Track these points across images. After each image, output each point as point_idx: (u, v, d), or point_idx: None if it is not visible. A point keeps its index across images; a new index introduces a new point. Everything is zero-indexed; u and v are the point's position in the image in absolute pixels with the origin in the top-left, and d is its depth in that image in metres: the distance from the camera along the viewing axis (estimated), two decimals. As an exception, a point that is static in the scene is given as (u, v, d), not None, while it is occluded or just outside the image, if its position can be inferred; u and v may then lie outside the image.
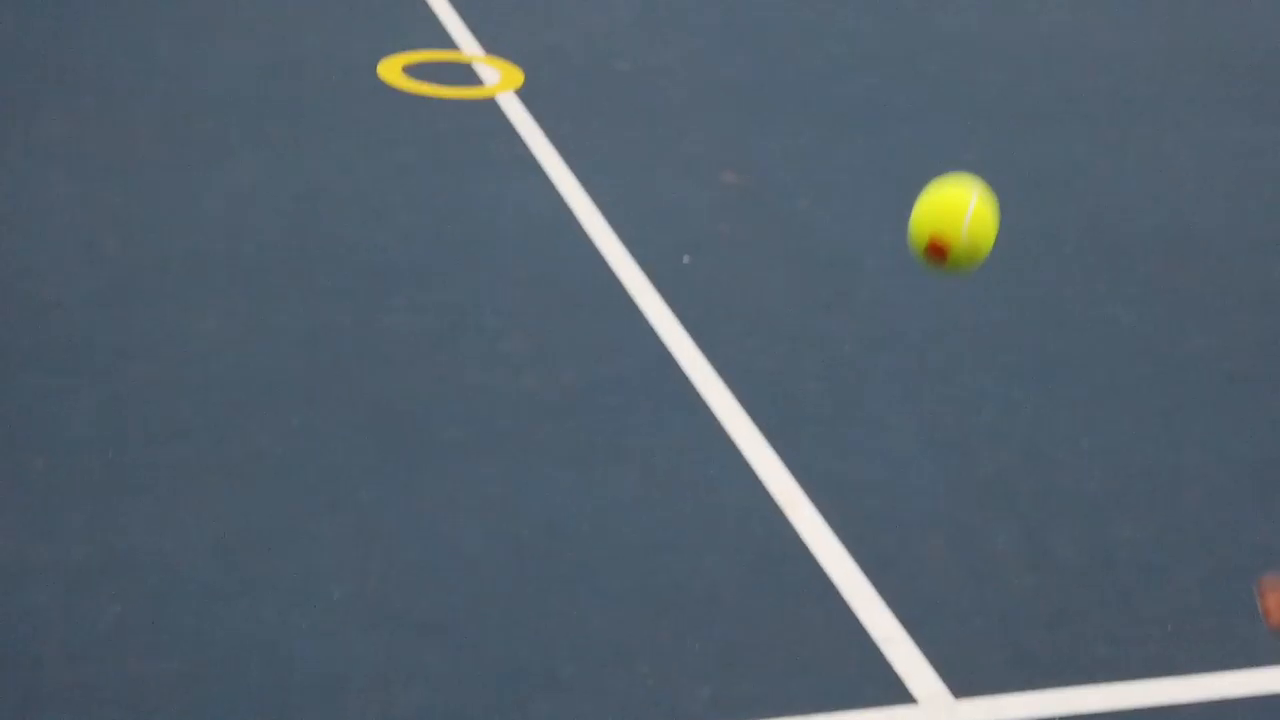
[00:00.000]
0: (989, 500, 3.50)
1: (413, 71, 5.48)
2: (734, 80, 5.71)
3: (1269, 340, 4.24)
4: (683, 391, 3.81)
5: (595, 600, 3.11)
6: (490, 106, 5.29)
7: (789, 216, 4.74)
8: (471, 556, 3.20)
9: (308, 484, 3.36)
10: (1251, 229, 4.87)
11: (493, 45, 5.78)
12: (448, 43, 5.79)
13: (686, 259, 4.42)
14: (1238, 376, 4.05)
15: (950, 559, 3.31)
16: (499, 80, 5.48)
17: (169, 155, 4.78)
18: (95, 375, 3.70)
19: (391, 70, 5.47)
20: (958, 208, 2.42)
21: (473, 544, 3.24)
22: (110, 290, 4.05)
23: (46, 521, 3.20)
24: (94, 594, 3.00)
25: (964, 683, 2.97)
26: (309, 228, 4.44)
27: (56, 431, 3.48)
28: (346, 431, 3.55)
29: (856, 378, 3.93)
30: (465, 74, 5.56)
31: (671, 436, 3.64)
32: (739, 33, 6.17)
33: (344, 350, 3.86)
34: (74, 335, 3.85)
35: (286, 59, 5.58)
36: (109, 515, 3.23)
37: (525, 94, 5.36)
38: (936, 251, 2.43)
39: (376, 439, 3.53)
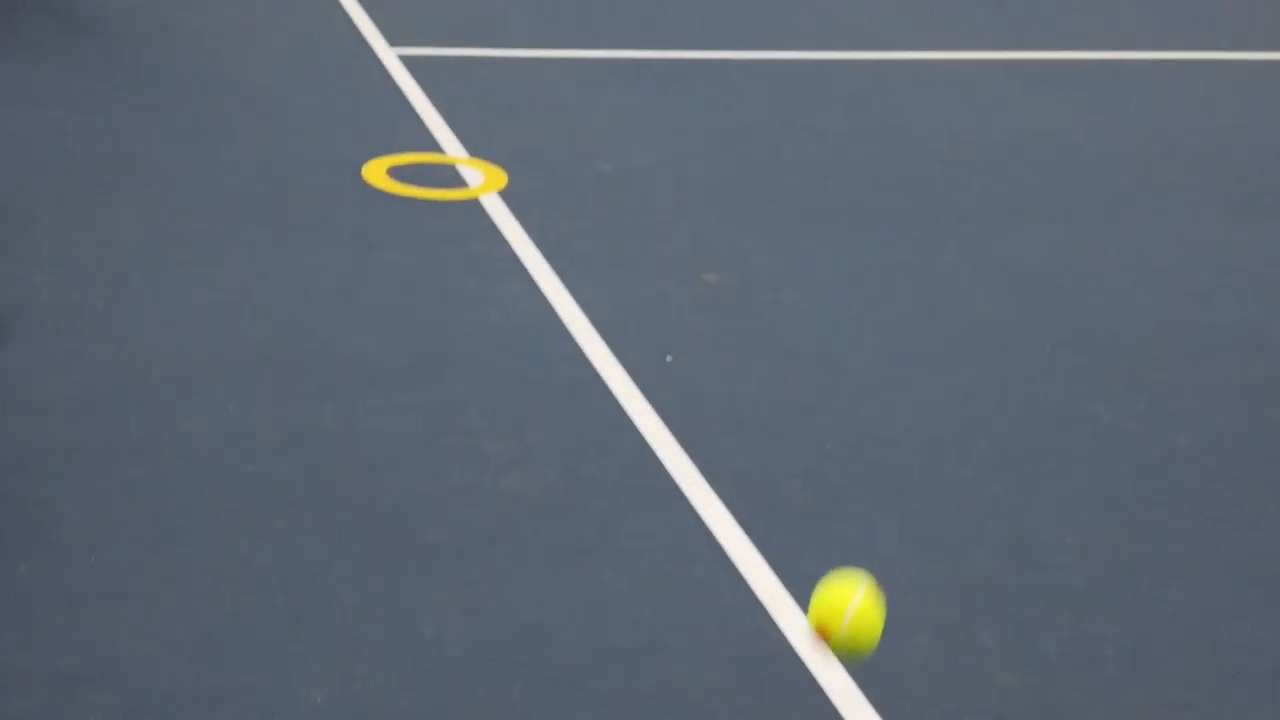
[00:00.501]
0: (974, 598, 3.50)
1: (397, 174, 5.53)
2: (715, 181, 5.77)
3: (1250, 437, 4.26)
4: (667, 490, 3.81)
5: (582, 703, 3.09)
6: (474, 208, 5.33)
7: (771, 315, 4.77)
8: (456, 660, 3.18)
9: (291, 587, 3.34)
10: (1231, 325, 4.91)
11: (476, 147, 5.83)
12: (432, 145, 5.85)
13: (669, 358, 4.44)
14: (1219, 473, 4.06)
15: (936, 658, 3.30)
16: (483, 182, 5.53)
17: (154, 258, 4.80)
18: (78, 479, 3.70)
19: (376, 173, 5.52)
20: (841, 603, 2.52)
21: (457, 647, 3.22)
22: (93, 393, 4.05)
23: (28, 628, 3.18)
24: (76, 701, 2.98)
25: (951, 784, 2.96)
26: (293, 329, 4.46)
27: (39, 535, 3.47)
28: (330, 534, 3.54)
29: (840, 475, 3.94)
30: (449, 176, 5.60)
31: (656, 536, 3.64)
32: (720, 134, 6.23)
33: (327, 452, 3.86)
34: (57, 439, 3.85)
35: (272, 161, 5.62)
36: (91, 620, 3.21)
37: (509, 195, 5.41)
38: (821, 637, 2.55)
39: (360, 542, 3.53)
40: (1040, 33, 8.02)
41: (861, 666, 3.21)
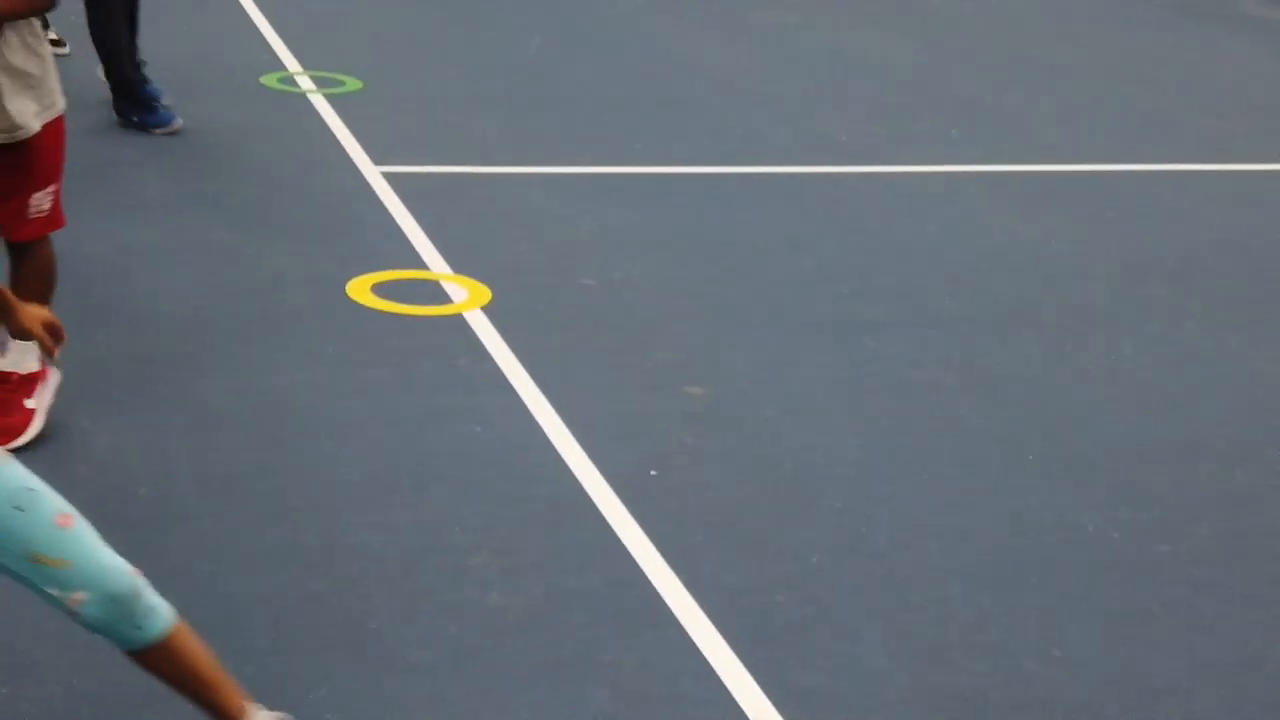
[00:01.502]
0: (962, 712, 3.48)
1: (381, 290, 5.56)
2: (698, 293, 5.81)
3: (1233, 547, 4.27)
4: (651, 605, 3.80)
5: (567, 822, 3.06)
6: (458, 323, 5.36)
7: (754, 427, 4.78)
8: (441, 779, 3.16)
9: (276, 706, 3.31)
10: (1212, 435, 4.94)
11: (460, 264, 5.87)
12: (416, 262, 5.89)
13: (653, 472, 4.44)
14: (1204, 583, 4.07)
15: (924, 773, 3.28)
16: (466, 298, 5.56)
17: (138, 380, 4.81)
18: (61, 599, 3.67)
19: (360, 289, 5.55)
20: None
21: (442, 766, 3.19)
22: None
23: (8, 750, 3.16)
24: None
25: None
26: (277, 447, 4.46)
27: (8, 662, 3.44)
28: (314, 652, 3.52)
29: (825, 588, 3.93)
30: (433, 292, 5.64)
31: (641, 651, 3.62)
32: (703, 247, 6.29)
33: (311, 570, 3.85)
34: (40, 559, 3.83)
35: (257, 279, 5.65)
36: (72, 743, 3.18)
37: (492, 311, 5.44)
38: None
39: (345, 660, 3.51)
40: (1016, 146, 8.14)
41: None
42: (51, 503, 2.78)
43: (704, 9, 11.38)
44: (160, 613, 2.85)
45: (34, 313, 3.19)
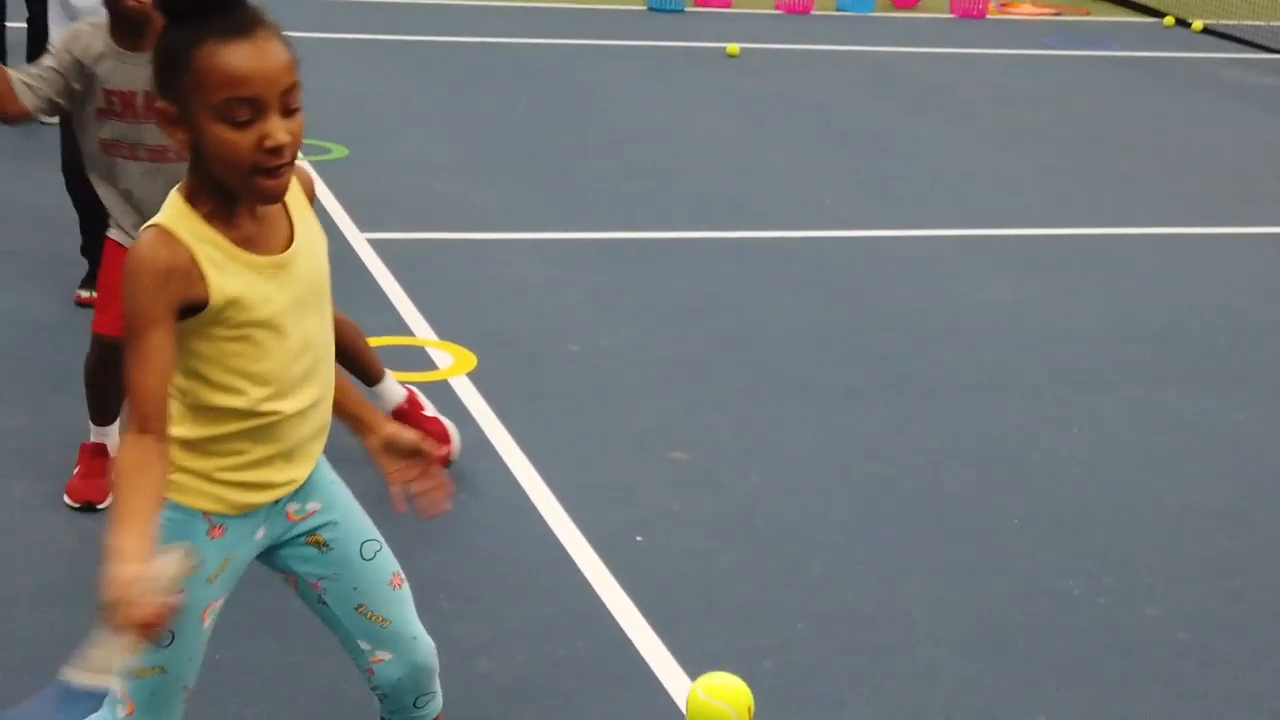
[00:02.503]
0: (949, 778, 3.47)
1: (367, 356, 5.55)
2: (683, 359, 5.82)
3: (1219, 611, 4.27)
4: (638, 672, 3.79)
5: None
6: (444, 390, 5.36)
7: (739, 493, 4.79)
8: None
9: (259, 777, 3.31)
10: (1199, 497, 4.95)
11: (445, 330, 5.89)
12: (401, 328, 5.90)
13: (639, 538, 4.44)
14: (1189, 647, 4.07)
15: (913, 840, 3.27)
16: (452, 364, 5.57)
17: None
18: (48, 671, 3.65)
19: (346, 356, 5.55)
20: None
21: (427, 836, 3.17)
22: (65, 589, 4.03)
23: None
24: None
25: None
26: (262, 514, 4.44)
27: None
28: (299, 721, 3.51)
29: (810, 654, 3.93)
30: (419, 359, 5.65)
31: (627, 717, 3.61)
32: (687, 313, 6.31)
33: (298, 637, 3.83)
34: (16, 633, 3.81)
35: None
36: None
37: (477, 377, 5.45)
38: None
39: (329, 729, 3.49)
40: (998, 210, 8.19)
41: None
42: (392, 560, 2.86)
43: (688, 76, 11.47)
44: (438, 702, 2.94)
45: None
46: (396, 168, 8.33)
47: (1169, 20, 14.48)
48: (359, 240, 6.89)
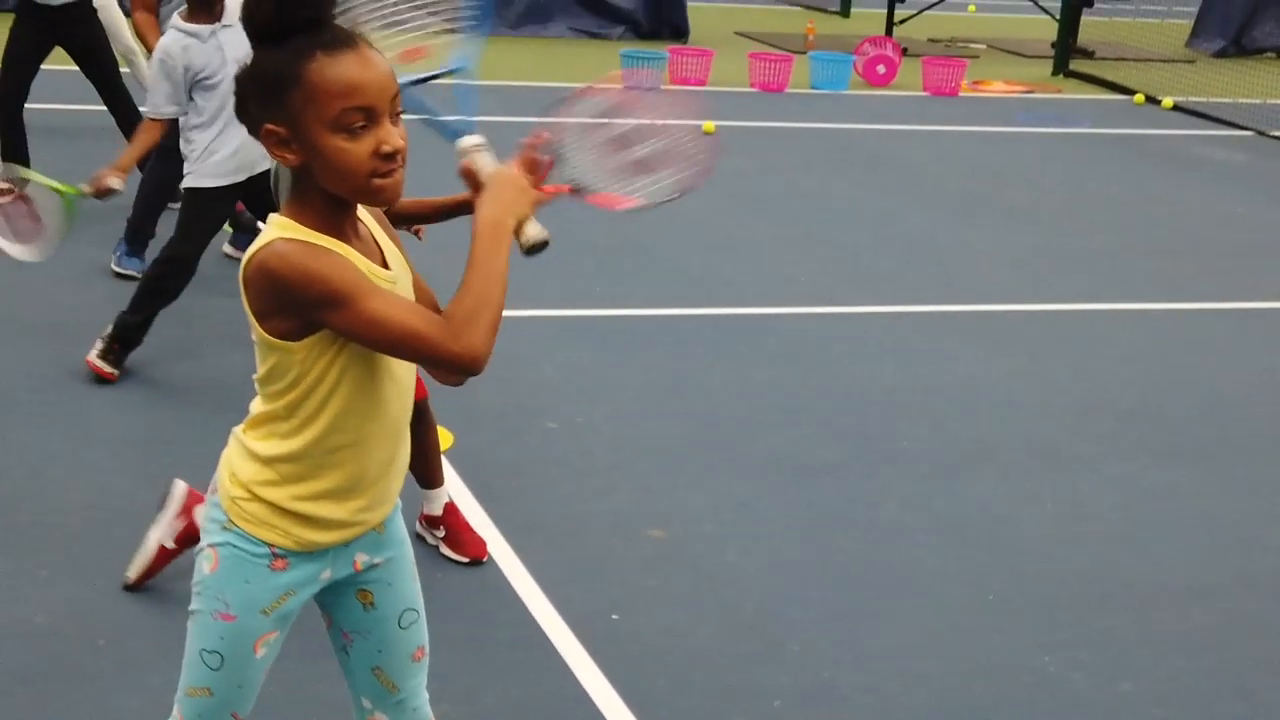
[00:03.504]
0: None
1: (343, 435, 5.55)
2: (659, 436, 5.84)
3: (1194, 685, 4.29)
4: (615, 753, 3.79)
5: None
6: (420, 468, 5.36)
7: (715, 570, 4.79)
8: None
9: None
10: (1173, 573, 4.97)
11: (422, 408, 5.88)
12: (378, 406, 5.89)
13: (615, 617, 4.44)
14: (1166, 722, 4.08)
15: None
16: (428, 442, 5.57)
17: (103, 549, 4.79)
18: (17, 753, 3.63)
19: (322, 434, 5.55)
20: None
21: None
22: (37, 670, 4.01)
23: None
24: None
25: None
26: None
27: None
28: (274, 805, 3.49)
29: (789, 733, 3.92)
30: (395, 436, 5.64)
31: (604, 800, 3.60)
32: (663, 391, 6.33)
33: (276, 718, 3.81)
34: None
35: (212, 429, 5.64)
36: None
37: (454, 455, 5.45)
38: None
39: (304, 812, 3.47)
40: (973, 287, 8.24)
41: None
42: (423, 633, 2.88)
43: (663, 153, 11.53)
44: None
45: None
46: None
47: (1139, 98, 14.64)
48: (336, 319, 6.89)
